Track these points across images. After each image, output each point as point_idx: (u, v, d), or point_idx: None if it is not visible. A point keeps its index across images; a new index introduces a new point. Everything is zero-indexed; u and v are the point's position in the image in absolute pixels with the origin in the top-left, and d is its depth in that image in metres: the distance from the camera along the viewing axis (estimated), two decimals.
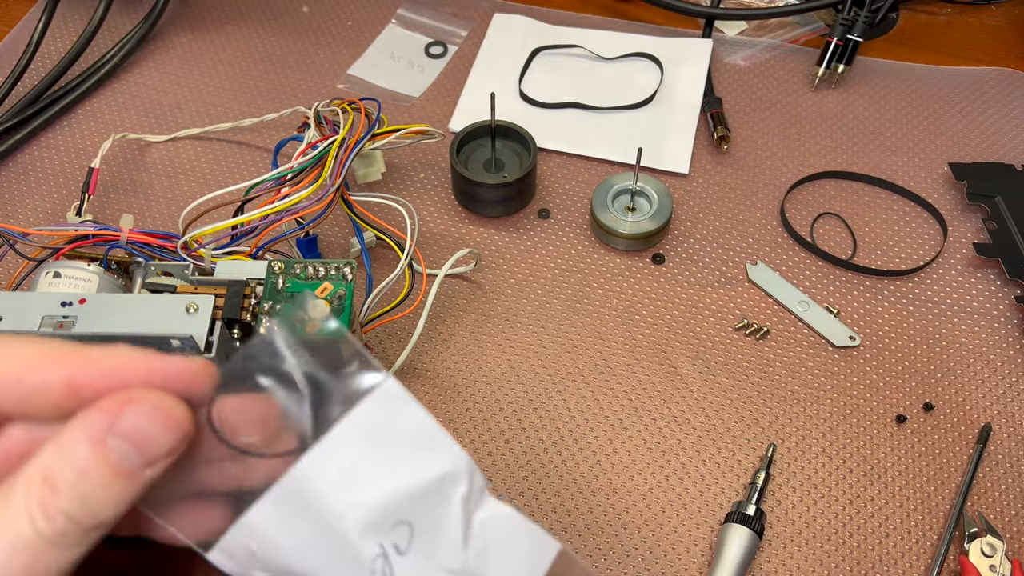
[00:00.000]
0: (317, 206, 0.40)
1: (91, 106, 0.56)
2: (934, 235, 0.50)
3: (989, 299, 0.47)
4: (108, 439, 0.20)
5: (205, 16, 0.62)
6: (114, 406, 0.21)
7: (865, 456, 0.42)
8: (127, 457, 0.20)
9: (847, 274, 0.48)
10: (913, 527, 0.40)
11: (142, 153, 0.54)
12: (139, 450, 0.21)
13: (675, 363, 0.45)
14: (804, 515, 0.40)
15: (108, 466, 0.20)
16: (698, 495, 0.41)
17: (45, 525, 0.20)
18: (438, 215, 0.51)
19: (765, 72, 0.59)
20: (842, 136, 0.55)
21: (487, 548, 0.23)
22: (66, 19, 0.61)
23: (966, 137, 0.55)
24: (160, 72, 0.58)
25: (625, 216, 0.49)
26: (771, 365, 0.45)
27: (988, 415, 0.43)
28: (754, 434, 0.42)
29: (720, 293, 0.47)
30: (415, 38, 0.61)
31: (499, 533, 0.23)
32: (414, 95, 0.57)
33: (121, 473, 0.20)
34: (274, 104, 0.56)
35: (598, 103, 0.56)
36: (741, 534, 0.38)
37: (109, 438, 0.20)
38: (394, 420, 0.22)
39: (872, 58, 0.59)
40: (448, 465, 0.22)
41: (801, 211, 0.51)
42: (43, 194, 0.52)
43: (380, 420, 0.22)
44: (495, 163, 0.51)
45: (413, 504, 0.22)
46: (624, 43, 0.59)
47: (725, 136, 0.53)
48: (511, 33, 0.60)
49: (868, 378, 0.44)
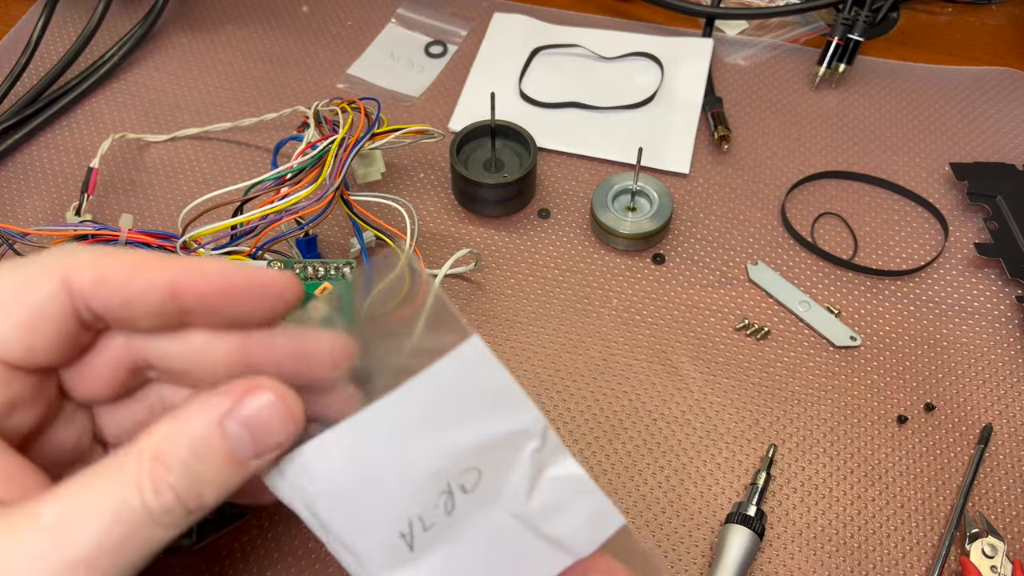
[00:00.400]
0: (316, 206, 0.40)
1: (90, 106, 0.56)
2: (935, 235, 0.50)
3: (990, 299, 0.47)
4: (227, 423, 0.20)
5: (205, 16, 0.62)
6: (238, 391, 0.21)
7: (866, 456, 0.42)
8: (242, 444, 0.20)
9: (848, 274, 0.48)
10: (914, 528, 0.40)
11: (141, 153, 0.54)
12: (254, 439, 0.20)
13: (675, 363, 0.45)
14: (805, 516, 0.40)
15: (223, 450, 0.20)
16: (698, 496, 0.40)
17: (153, 499, 0.19)
18: (438, 215, 0.51)
19: (766, 72, 0.59)
20: (843, 136, 0.55)
21: (551, 503, 0.24)
22: (65, 19, 0.61)
23: (967, 137, 0.55)
24: (159, 72, 0.58)
25: (625, 216, 0.49)
26: (772, 365, 0.45)
27: (989, 415, 0.43)
28: (755, 434, 0.42)
29: (721, 293, 0.47)
30: (415, 38, 0.61)
31: (566, 492, 0.24)
32: (414, 95, 0.57)
33: (233, 459, 0.20)
34: (273, 104, 0.56)
35: (598, 103, 0.56)
36: (742, 535, 0.38)
37: (228, 422, 0.20)
38: (476, 377, 0.23)
39: (873, 58, 0.59)
40: (523, 423, 0.23)
41: (802, 211, 0.51)
42: (42, 194, 0.51)
43: (462, 375, 0.23)
44: (495, 163, 0.51)
45: (484, 453, 0.23)
46: (624, 43, 0.59)
47: (726, 136, 0.53)
48: (511, 32, 0.60)
49: (869, 378, 0.44)
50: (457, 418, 0.23)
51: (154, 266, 0.22)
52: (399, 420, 0.22)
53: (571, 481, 0.24)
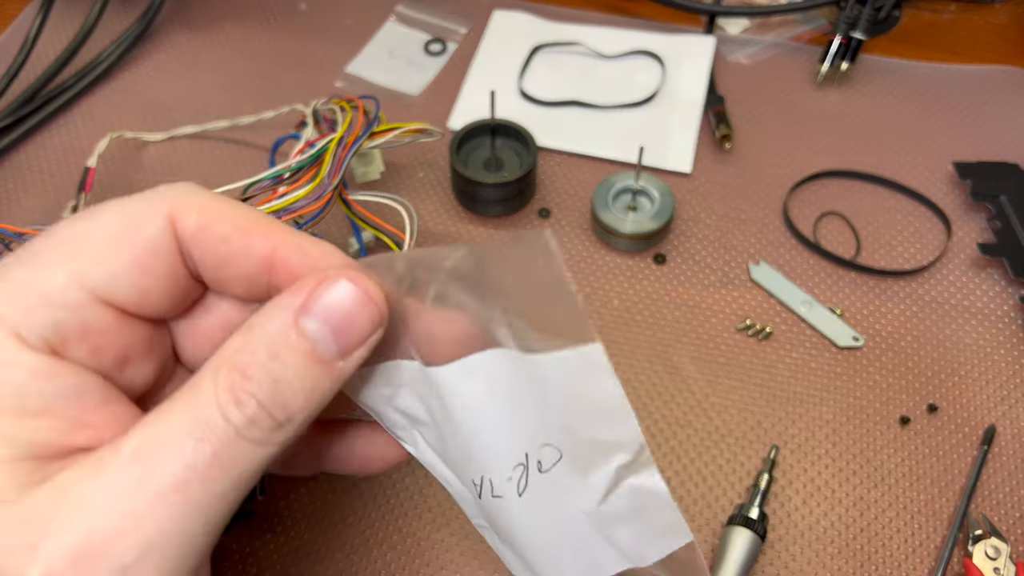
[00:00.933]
0: (315, 205, 0.40)
1: (87, 105, 0.56)
2: (938, 235, 0.50)
3: (994, 299, 0.47)
4: (303, 319, 0.19)
5: (202, 14, 0.62)
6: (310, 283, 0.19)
7: (869, 458, 0.41)
8: (323, 341, 0.19)
9: (850, 274, 0.48)
10: (917, 529, 0.39)
11: (138, 152, 0.53)
12: (335, 335, 0.19)
13: (677, 364, 0.44)
14: (807, 517, 0.40)
15: (303, 349, 0.18)
16: (700, 497, 0.40)
17: (235, 411, 0.18)
18: (437, 214, 0.50)
19: (768, 70, 0.58)
20: (845, 135, 0.54)
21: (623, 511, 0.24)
22: (62, 17, 0.60)
23: (970, 136, 0.54)
24: (157, 70, 0.58)
25: (626, 215, 0.48)
26: (774, 366, 0.44)
27: (993, 416, 0.42)
28: (756, 436, 0.42)
29: (722, 293, 0.47)
30: (414, 35, 0.61)
31: (641, 503, 0.24)
32: (413, 93, 0.57)
33: (316, 358, 0.19)
34: (271, 102, 0.55)
35: (599, 101, 0.56)
36: (744, 537, 0.37)
37: (304, 318, 0.19)
38: (589, 381, 0.23)
39: (875, 56, 0.59)
40: (619, 436, 0.23)
41: (804, 210, 0.51)
42: (39, 194, 0.51)
43: (576, 375, 0.22)
44: (495, 162, 0.51)
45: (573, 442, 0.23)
46: (625, 40, 0.59)
47: (727, 135, 0.53)
48: (511, 30, 0.60)
49: (871, 379, 0.44)
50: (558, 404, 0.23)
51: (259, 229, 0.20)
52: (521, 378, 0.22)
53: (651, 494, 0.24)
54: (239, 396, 0.18)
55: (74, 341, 0.19)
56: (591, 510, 0.23)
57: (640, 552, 0.24)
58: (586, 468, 0.23)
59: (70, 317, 0.19)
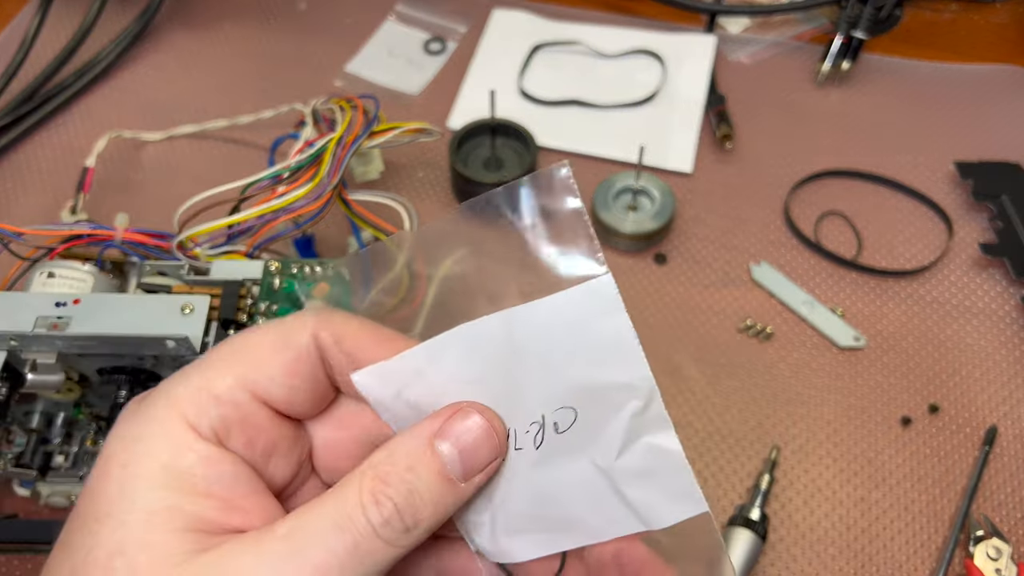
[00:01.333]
0: (314, 205, 0.39)
1: (86, 104, 0.56)
2: (939, 234, 0.50)
3: (995, 299, 0.47)
4: (437, 442, 0.22)
5: (201, 13, 0.61)
6: (447, 412, 0.23)
7: (870, 458, 0.41)
8: (452, 462, 0.22)
9: (852, 274, 0.48)
10: (918, 530, 0.39)
11: (137, 151, 0.53)
12: (463, 457, 0.22)
13: (678, 364, 0.44)
14: (808, 518, 0.39)
15: (435, 467, 0.22)
16: None
17: (375, 511, 0.21)
18: (437, 214, 0.50)
19: (769, 69, 0.58)
20: (846, 134, 0.54)
21: (638, 468, 0.23)
22: (61, 16, 0.60)
23: (971, 135, 0.54)
24: (155, 70, 0.58)
25: (627, 215, 0.48)
26: (775, 366, 0.44)
27: (994, 417, 0.42)
28: (757, 436, 0.42)
29: (723, 293, 0.47)
30: (414, 34, 0.60)
31: (657, 463, 0.23)
32: (413, 92, 0.57)
33: (445, 477, 0.22)
34: (271, 102, 0.55)
35: (599, 100, 0.55)
36: (745, 538, 0.37)
37: (438, 441, 0.22)
38: (597, 317, 0.22)
39: (876, 55, 0.59)
40: (631, 377, 0.23)
41: (805, 210, 0.51)
42: (37, 193, 0.51)
43: (585, 311, 0.22)
44: (495, 161, 0.51)
45: (585, 395, 0.23)
46: (626, 39, 0.59)
47: (728, 134, 0.53)
48: (511, 29, 0.60)
49: (873, 379, 0.44)
50: (568, 352, 0.22)
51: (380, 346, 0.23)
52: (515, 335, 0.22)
53: (666, 454, 0.23)
54: (379, 498, 0.21)
55: (235, 433, 0.22)
56: (608, 467, 0.23)
57: (654, 515, 0.24)
58: (603, 422, 0.23)
59: (233, 413, 0.22)
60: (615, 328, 0.22)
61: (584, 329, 0.22)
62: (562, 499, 0.24)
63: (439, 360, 0.23)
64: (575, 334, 0.22)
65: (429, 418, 0.23)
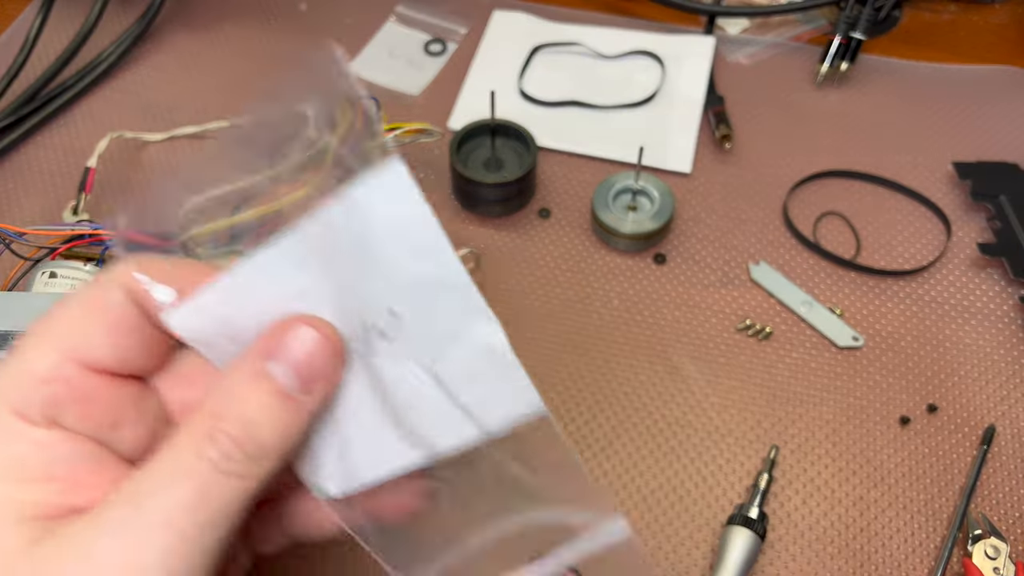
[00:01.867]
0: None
1: (87, 105, 0.56)
2: (938, 235, 0.50)
3: (993, 299, 0.47)
4: (268, 364, 0.21)
5: (202, 14, 0.61)
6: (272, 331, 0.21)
7: (868, 458, 0.41)
8: (286, 377, 0.21)
9: (850, 274, 0.48)
10: (917, 529, 0.39)
11: (139, 152, 0.53)
12: (298, 371, 0.21)
13: (677, 364, 0.44)
14: (807, 517, 0.40)
15: (268, 387, 0.21)
16: (700, 497, 0.40)
17: (210, 449, 0.20)
18: (437, 214, 0.50)
19: (768, 70, 0.58)
20: (845, 135, 0.54)
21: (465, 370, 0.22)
22: (62, 17, 0.60)
23: (970, 136, 0.54)
24: (157, 71, 0.58)
25: (626, 215, 0.48)
26: (774, 366, 0.44)
27: (992, 416, 0.42)
28: (756, 436, 0.42)
29: (722, 293, 0.47)
30: (414, 36, 0.61)
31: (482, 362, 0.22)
32: (413, 93, 0.57)
33: (281, 395, 0.21)
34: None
35: (599, 101, 0.56)
36: (743, 537, 0.37)
37: (268, 363, 0.21)
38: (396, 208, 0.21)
39: (876, 56, 0.59)
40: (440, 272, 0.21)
41: (804, 210, 0.51)
42: (39, 193, 0.51)
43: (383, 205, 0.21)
44: (495, 162, 0.51)
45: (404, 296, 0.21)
46: (625, 40, 0.59)
47: (727, 135, 0.53)
48: (511, 30, 0.60)
49: (871, 379, 0.44)
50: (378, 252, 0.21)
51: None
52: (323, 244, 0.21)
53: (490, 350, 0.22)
54: (213, 434, 0.20)
55: (68, 410, 0.21)
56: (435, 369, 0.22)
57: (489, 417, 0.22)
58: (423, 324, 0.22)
59: (63, 389, 0.21)
60: (413, 217, 0.21)
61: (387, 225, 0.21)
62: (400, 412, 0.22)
63: (253, 284, 0.22)
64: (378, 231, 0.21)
65: (255, 342, 0.21)
